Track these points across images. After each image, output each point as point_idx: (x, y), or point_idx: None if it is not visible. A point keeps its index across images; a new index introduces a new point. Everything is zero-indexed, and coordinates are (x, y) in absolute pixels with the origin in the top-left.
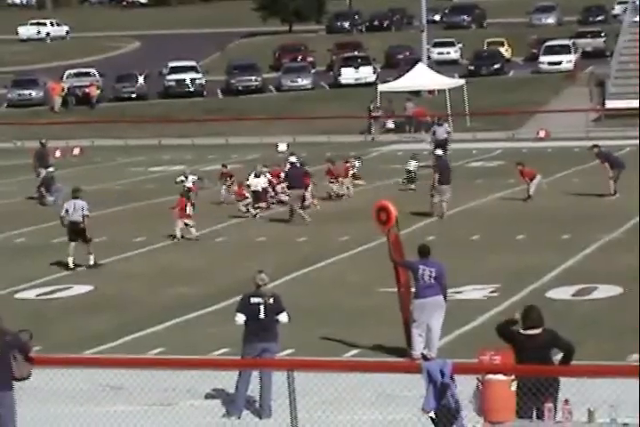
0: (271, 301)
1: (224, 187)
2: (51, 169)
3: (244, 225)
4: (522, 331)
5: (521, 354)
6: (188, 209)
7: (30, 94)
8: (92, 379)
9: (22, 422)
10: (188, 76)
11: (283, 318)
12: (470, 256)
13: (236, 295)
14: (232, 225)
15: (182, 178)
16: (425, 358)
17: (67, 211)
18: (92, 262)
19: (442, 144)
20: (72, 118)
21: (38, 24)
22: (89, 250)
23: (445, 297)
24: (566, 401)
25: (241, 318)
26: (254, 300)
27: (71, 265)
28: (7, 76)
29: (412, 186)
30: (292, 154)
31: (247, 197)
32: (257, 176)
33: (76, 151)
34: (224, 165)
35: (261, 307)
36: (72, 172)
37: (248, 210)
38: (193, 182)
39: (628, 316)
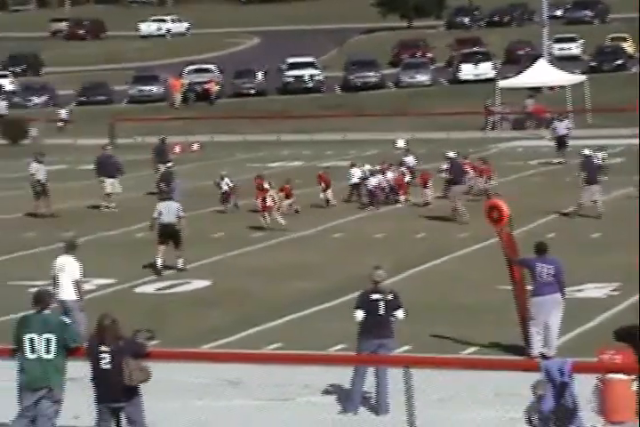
0: (390, 297)
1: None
2: (170, 164)
3: (361, 221)
4: None
5: None
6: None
7: (151, 90)
8: (210, 374)
9: (148, 415)
10: (306, 72)
11: (399, 314)
12: (591, 254)
13: (353, 291)
14: (350, 221)
15: (218, 180)
16: (544, 356)
17: (160, 213)
18: (180, 266)
19: (562, 140)
20: (191, 114)
21: (159, 21)
22: (179, 253)
23: (564, 295)
24: None
25: (360, 315)
26: (374, 296)
27: (159, 267)
28: (128, 73)
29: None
30: (407, 151)
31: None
32: (372, 174)
33: (195, 147)
34: (326, 168)
35: (381, 303)
36: (191, 167)
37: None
38: (229, 186)
39: None
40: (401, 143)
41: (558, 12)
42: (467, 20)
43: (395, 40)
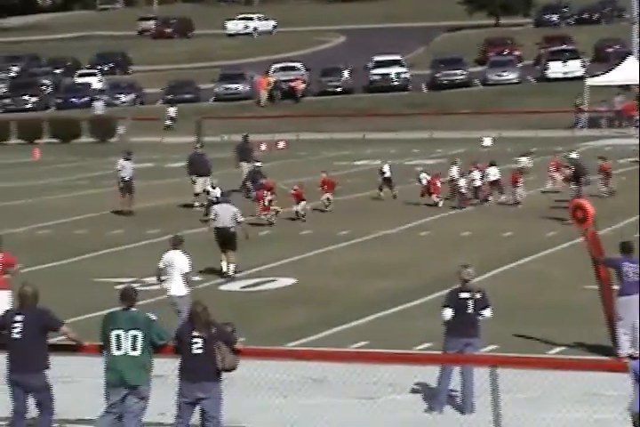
0: (478, 296)
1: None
2: (258, 164)
3: (449, 219)
4: None
5: None
6: None
7: (237, 88)
8: (294, 371)
9: (227, 412)
10: (392, 71)
11: (487, 313)
12: None
13: (439, 290)
14: (437, 219)
15: (209, 189)
16: (632, 357)
17: (215, 215)
18: (230, 273)
19: None
20: (277, 112)
21: (246, 19)
22: (232, 258)
23: None
24: None
25: (448, 313)
26: (463, 295)
27: (225, 269)
28: (215, 71)
29: None
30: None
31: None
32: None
33: (281, 145)
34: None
35: (469, 302)
36: (277, 165)
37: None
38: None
39: None
40: (488, 141)
41: None
42: (555, 17)
43: (482, 38)
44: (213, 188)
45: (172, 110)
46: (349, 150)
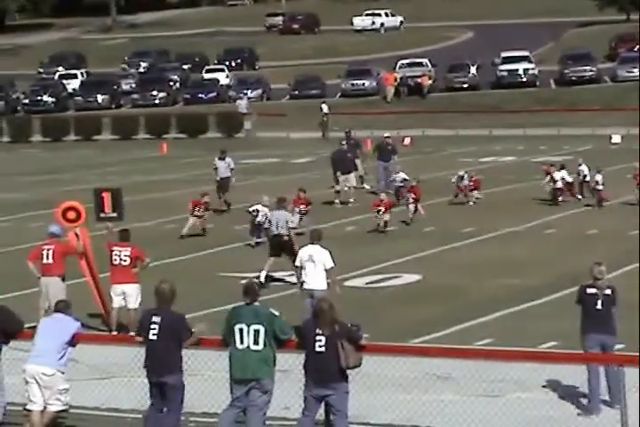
0: (607, 292)
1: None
2: (392, 161)
3: (576, 217)
4: None
5: None
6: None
7: (363, 84)
8: (419, 368)
9: (351, 408)
10: (520, 66)
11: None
12: None
13: (565, 288)
14: (564, 217)
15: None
16: None
17: (270, 222)
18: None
19: None
20: (404, 108)
21: (373, 15)
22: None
23: None
24: None
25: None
26: (590, 290)
27: (262, 280)
28: (341, 67)
29: None
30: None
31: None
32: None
33: (407, 141)
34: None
35: (598, 298)
36: (403, 161)
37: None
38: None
39: None
40: (617, 138)
41: None
42: None
43: (612, 33)
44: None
45: (325, 107)
46: (475, 147)
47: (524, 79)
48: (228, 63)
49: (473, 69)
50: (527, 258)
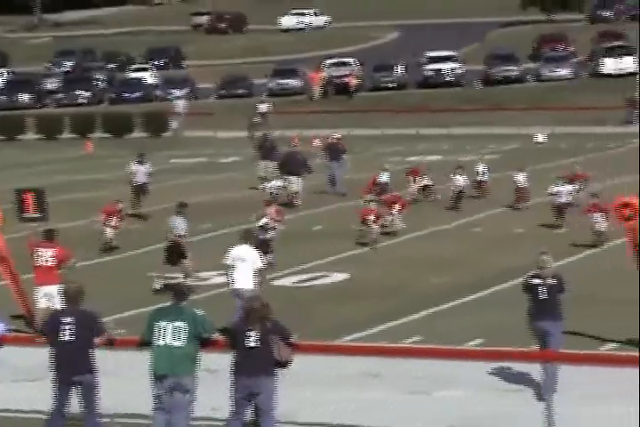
0: (551, 281)
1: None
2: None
3: (503, 216)
4: None
5: None
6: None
7: (290, 84)
8: (347, 366)
9: (280, 406)
10: (446, 66)
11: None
12: None
13: (494, 286)
14: (491, 215)
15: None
16: None
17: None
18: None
19: None
20: (331, 108)
21: (299, 14)
22: (186, 270)
23: None
24: None
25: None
26: (535, 281)
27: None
28: (268, 66)
29: None
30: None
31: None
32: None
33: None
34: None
35: (542, 288)
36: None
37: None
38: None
39: None
40: (541, 138)
41: None
42: (609, 13)
43: (535, 34)
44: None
45: (264, 107)
46: (402, 146)
47: (450, 79)
48: (153, 62)
49: (399, 69)
50: (455, 256)
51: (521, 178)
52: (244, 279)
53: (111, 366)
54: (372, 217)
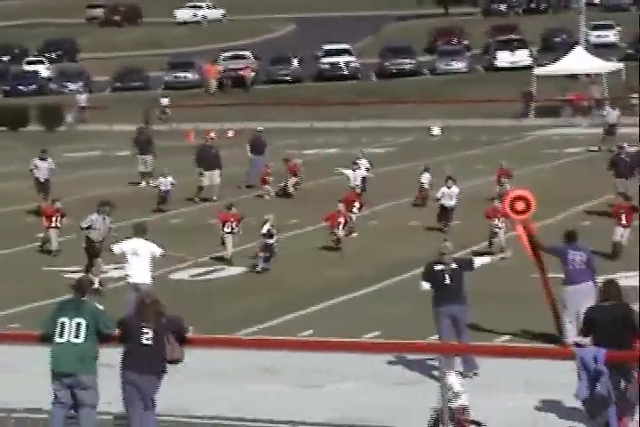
0: (454, 266)
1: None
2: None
3: (398, 209)
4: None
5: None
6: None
7: (186, 77)
8: (244, 359)
9: (177, 401)
10: (342, 59)
11: (477, 261)
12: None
13: (389, 278)
14: (387, 208)
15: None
16: (578, 345)
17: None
18: (96, 286)
19: (612, 128)
20: (227, 100)
21: (195, 7)
22: (94, 270)
23: (596, 283)
24: None
25: (425, 286)
26: (438, 267)
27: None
28: (164, 59)
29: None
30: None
31: None
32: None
33: (231, 133)
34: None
35: (445, 274)
36: (230, 155)
37: None
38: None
39: None
40: (436, 130)
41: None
42: (503, 7)
43: (430, 27)
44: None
45: (165, 100)
46: (298, 139)
47: (346, 72)
48: (48, 55)
49: (295, 62)
50: (352, 249)
51: (425, 179)
52: (139, 273)
53: (6, 360)
54: (341, 219)
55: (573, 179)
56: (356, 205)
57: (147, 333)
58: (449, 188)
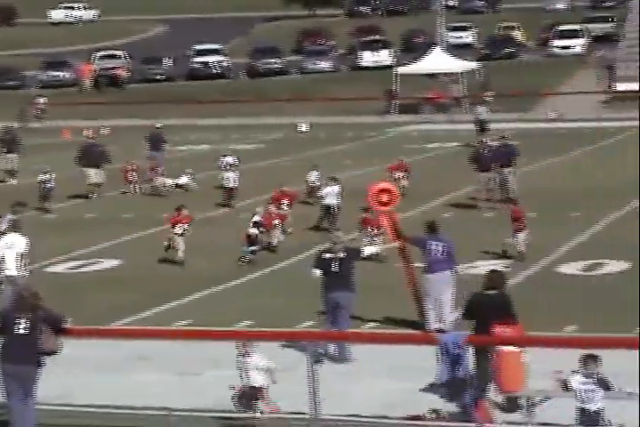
0: (342, 255)
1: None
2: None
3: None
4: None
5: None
6: None
7: (61, 76)
8: (119, 349)
9: (56, 390)
10: (213, 59)
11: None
12: (482, 233)
13: (259, 269)
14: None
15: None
16: (440, 330)
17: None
18: None
19: (483, 124)
20: (101, 99)
21: (69, 8)
22: None
23: (455, 271)
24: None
25: (316, 272)
26: (327, 255)
27: None
28: (39, 59)
29: None
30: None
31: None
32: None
33: (106, 131)
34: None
35: (333, 262)
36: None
37: None
38: None
39: (634, 290)
40: (304, 127)
41: (452, 2)
42: (367, 8)
43: (298, 28)
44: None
45: (42, 99)
46: (172, 136)
47: (217, 71)
48: None
49: (167, 62)
50: (224, 241)
51: (314, 177)
52: (14, 267)
53: None
54: (277, 221)
55: (433, 173)
56: (285, 201)
57: (22, 323)
58: (331, 186)
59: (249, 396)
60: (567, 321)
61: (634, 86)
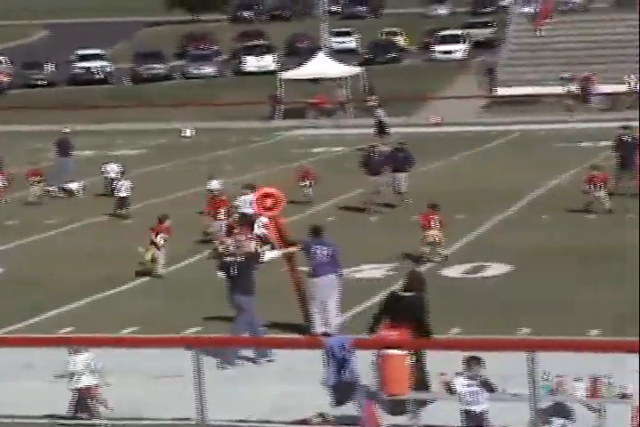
0: (240, 259)
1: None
2: None
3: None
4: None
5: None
6: None
7: None
8: (2, 357)
9: None
10: (95, 64)
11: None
12: (368, 237)
13: (139, 278)
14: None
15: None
16: (325, 334)
17: None
18: None
19: (383, 126)
20: None
21: None
22: None
23: (340, 275)
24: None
25: (220, 275)
26: (227, 259)
27: None
28: None
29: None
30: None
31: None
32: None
33: None
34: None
35: (233, 265)
36: None
37: None
38: None
39: (517, 292)
40: (188, 132)
41: (335, 8)
42: (250, 13)
43: (181, 33)
44: None
45: None
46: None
47: (99, 76)
48: None
49: (49, 67)
50: (109, 247)
51: (214, 186)
52: None
53: None
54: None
55: (320, 177)
56: (222, 210)
57: None
58: (246, 195)
59: (81, 397)
60: (451, 324)
61: (513, 91)
